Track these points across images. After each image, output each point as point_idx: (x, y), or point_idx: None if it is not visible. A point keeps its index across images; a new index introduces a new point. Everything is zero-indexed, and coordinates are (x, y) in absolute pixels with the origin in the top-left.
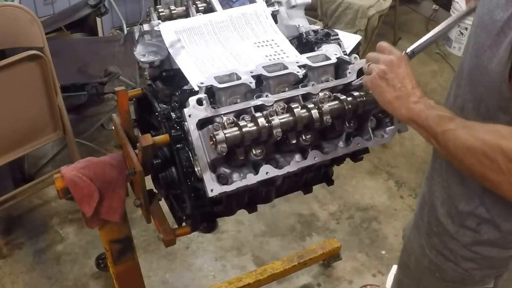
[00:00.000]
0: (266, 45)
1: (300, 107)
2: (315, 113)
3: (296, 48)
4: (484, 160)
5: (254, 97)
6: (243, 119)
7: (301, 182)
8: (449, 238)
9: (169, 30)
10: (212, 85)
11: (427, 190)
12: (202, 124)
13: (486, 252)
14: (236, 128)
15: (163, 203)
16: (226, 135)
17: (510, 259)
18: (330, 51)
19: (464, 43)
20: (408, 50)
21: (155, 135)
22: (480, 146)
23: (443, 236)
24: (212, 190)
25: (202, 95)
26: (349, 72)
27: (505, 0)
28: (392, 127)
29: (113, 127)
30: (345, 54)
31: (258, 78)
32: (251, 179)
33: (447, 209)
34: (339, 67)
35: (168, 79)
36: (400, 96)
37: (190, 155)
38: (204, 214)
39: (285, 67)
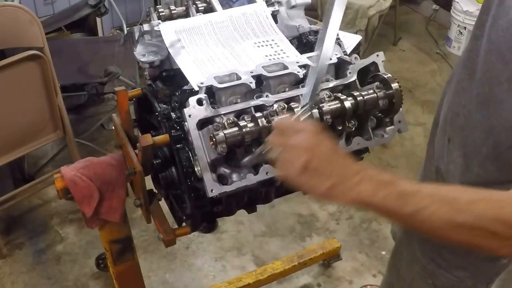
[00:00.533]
0: (266, 45)
1: (300, 107)
2: (315, 113)
3: (296, 48)
4: (480, 233)
5: (254, 97)
6: (243, 119)
7: None
8: (442, 247)
9: (169, 30)
10: (212, 85)
11: None
12: (202, 124)
13: (479, 262)
14: (236, 128)
15: (163, 203)
16: (226, 135)
17: (502, 268)
18: None
19: (464, 48)
20: (306, 104)
21: (155, 135)
22: (473, 222)
23: (437, 245)
24: (212, 190)
25: (202, 95)
26: (350, 72)
27: None
28: (392, 127)
29: (113, 127)
30: (345, 54)
31: (258, 78)
32: (251, 179)
33: None
34: (339, 67)
35: (168, 79)
36: (336, 183)
37: (190, 155)
38: (204, 214)
39: (285, 67)
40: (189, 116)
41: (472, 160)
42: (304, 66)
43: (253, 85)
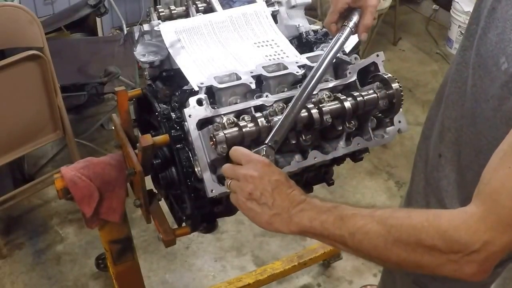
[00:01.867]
0: (266, 45)
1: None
2: (315, 113)
3: (296, 48)
4: (417, 248)
5: (254, 97)
6: (243, 119)
7: (301, 182)
8: None
9: (169, 30)
10: (212, 85)
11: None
12: (202, 124)
13: None
14: (236, 128)
15: (163, 203)
16: (226, 135)
17: (496, 276)
18: None
19: (453, 63)
20: (268, 141)
21: (155, 135)
22: (408, 236)
23: None
24: (212, 191)
25: (202, 95)
26: (349, 72)
27: None
28: (392, 127)
29: (113, 127)
30: (345, 54)
31: (258, 78)
32: None
33: None
34: (339, 67)
35: (168, 79)
36: (278, 212)
37: (190, 155)
38: (204, 215)
39: (285, 67)
40: (189, 116)
41: (465, 175)
42: (304, 66)
43: (253, 85)
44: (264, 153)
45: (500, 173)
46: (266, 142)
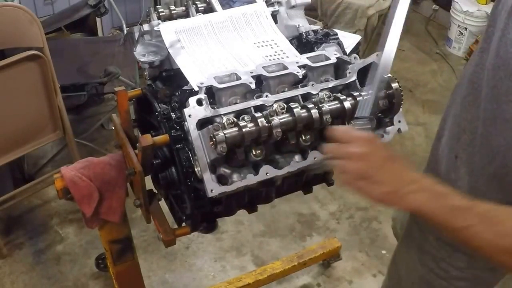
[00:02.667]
0: (266, 45)
1: (300, 107)
2: (315, 113)
3: (296, 48)
4: None
5: (254, 97)
6: (243, 119)
7: (301, 182)
8: (441, 260)
9: (169, 30)
10: (212, 85)
11: None
12: (202, 124)
13: (480, 273)
14: (236, 128)
15: (163, 203)
16: (226, 135)
17: (502, 276)
18: (330, 51)
19: (470, 64)
20: (368, 113)
21: (155, 135)
22: None
23: (436, 257)
24: (212, 191)
25: (202, 95)
26: (349, 72)
27: None
28: (392, 127)
29: (113, 127)
30: (345, 54)
31: (258, 78)
32: (251, 179)
33: (439, 233)
34: (339, 67)
35: (168, 79)
36: (392, 191)
37: (190, 155)
38: (204, 215)
39: (285, 67)
40: (189, 116)
41: (478, 179)
42: (304, 66)
43: (253, 85)
44: (366, 126)
45: None
46: (367, 115)
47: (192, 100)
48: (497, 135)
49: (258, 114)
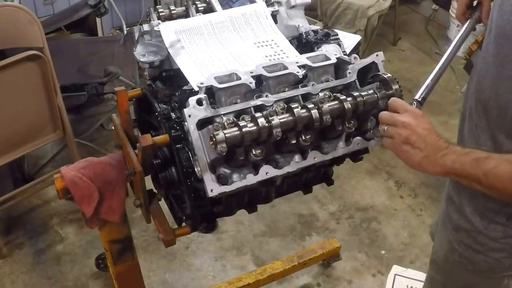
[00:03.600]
0: (266, 45)
1: (300, 107)
2: (315, 113)
3: (296, 48)
4: None
5: (254, 97)
6: (243, 119)
7: (301, 182)
8: (478, 234)
9: (169, 30)
10: (212, 85)
11: (453, 188)
12: (202, 124)
13: None
14: (236, 128)
15: (163, 203)
16: (226, 135)
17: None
18: (330, 51)
19: (483, 49)
20: (418, 97)
21: (155, 135)
22: None
23: (472, 232)
24: (212, 190)
25: (202, 95)
26: (349, 72)
27: None
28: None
29: (113, 127)
30: (345, 54)
31: (258, 78)
32: (251, 179)
33: (475, 206)
34: (339, 67)
35: (168, 79)
36: (428, 155)
37: (190, 155)
38: (204, 214)
39: (285, 67)
40: (189, 116)
41: (496, 139)
42: (304, 66)
43: (253, 85)
44: (415, 106)
45: None
46: (417, 98)
47: (192, 100)
48: (504, 93)
49: (258, 114)
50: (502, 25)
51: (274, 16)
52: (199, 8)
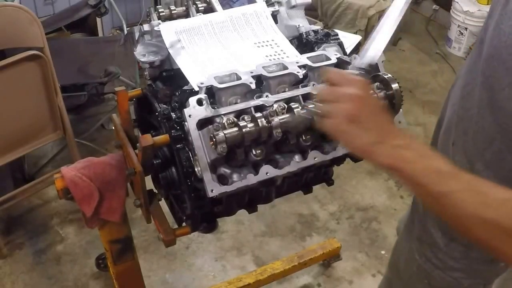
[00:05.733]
0: (266, 45)
1: (300, 107)
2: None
3: (296, 48)
4: (500, 234)
5: (254, 97)
6: (243, 119)
7: (301, 182)
8: (438, 250)
9: (169, 30)
10: (212, 85)
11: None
12: (202, 124)
13: (476, 266)
14: (236, 128)
15: (163, 203)
16: (226, 135)
17: (501, 270)
18: (330, 51)
19: (469, 51)
20: (361, 63)
21: (155, 135)
22: (498, 220)
23: (433, 247)
24: (212, 191)
25: (202, 95)
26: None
27: None
28: None
29: (113, 127)
30: (345, 55)
31: (258, 78)
32: (251, 179)
33: (438, 220)
34: (339, 67)
35: (168, 79)
36: (379, 141)
37: (190, 155)
38: (204, 214)
39: (285, 67)
40: (189, 116)
41: (473, 166)
42: (304, 66)
43: (253, 85)
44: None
45: None
46: (359, 65)
47: (193, 100)
48: (491, 122)
49: (258, 114)
50: (498, 46)
51: (274, 16)
52: (200, 8)
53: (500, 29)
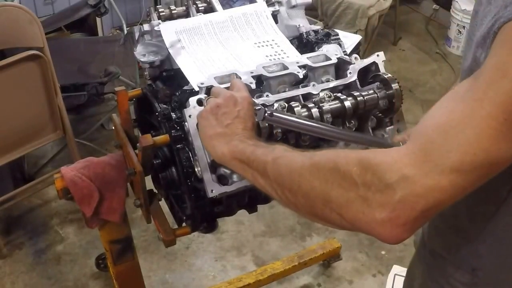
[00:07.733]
0: (267, 45)
1: (300, 107)
2: (315, 112)
3: (297, 48)
4: (331, 175)
5: (255, 97)
6: None
7: None
8: (449, 276)
9: (169, 30)
10: (212, 86)
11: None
12: None
13: None
14: None
15: (163, 203)
16: None
17: None
18: (331, 51)
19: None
20: (270, 110)
21: (155, 135)
22: (329, 160)
23: (444, 272)
24: (212, 191)
25: (202, 95)
26: (350, 72)
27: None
28: (392, 126)
29: (113, 127)
30: (346, 54)
31: (259, 78)
32: None
33: (448, 249)
34: (340, 67)
35: (168, 79)
36: (223, 133)
37: (190, 155)
38: (204, 215)
39: (286, 67)
40: (189, 116)
41: None
42: (304, 66)
43: (253, 85)
44: (258, 107)
45: (436, 112)
46: (268, 109)
47: (193, 100)
48: None
49: None
50: (468, 57)
51: (274, 16)
52: (200, 8)
53: (472, 41)
